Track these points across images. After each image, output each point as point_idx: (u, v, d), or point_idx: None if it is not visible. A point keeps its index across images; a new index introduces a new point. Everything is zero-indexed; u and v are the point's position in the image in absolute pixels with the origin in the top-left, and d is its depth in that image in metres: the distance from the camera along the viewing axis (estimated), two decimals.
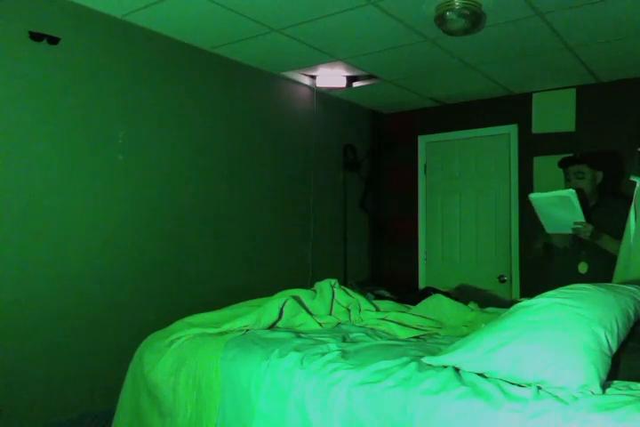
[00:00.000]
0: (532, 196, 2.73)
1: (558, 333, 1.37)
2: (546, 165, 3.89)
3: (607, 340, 1.35)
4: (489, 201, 4.35)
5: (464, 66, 3.57)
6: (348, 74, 3.84)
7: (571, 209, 2.62)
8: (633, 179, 2.57)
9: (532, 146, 4.08)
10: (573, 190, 2.57)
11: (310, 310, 2.19)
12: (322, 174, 4.20)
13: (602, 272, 2.67)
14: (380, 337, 1.96)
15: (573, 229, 2.68)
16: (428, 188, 4.67)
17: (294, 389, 1.54)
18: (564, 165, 2.98)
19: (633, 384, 1.33)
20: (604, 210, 2.86)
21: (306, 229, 4.05)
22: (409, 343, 1.86)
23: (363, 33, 3.03)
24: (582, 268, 2.81)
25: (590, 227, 2.65)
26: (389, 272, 4.74)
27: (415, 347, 1.78)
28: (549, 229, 2.80)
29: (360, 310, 2.26)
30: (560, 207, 2.65)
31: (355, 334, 1.98)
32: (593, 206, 2.90)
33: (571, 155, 3.12)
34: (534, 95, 4.09)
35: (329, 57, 3.46)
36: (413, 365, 1.49)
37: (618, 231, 2.71)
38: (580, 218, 2.64)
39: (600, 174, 2.94)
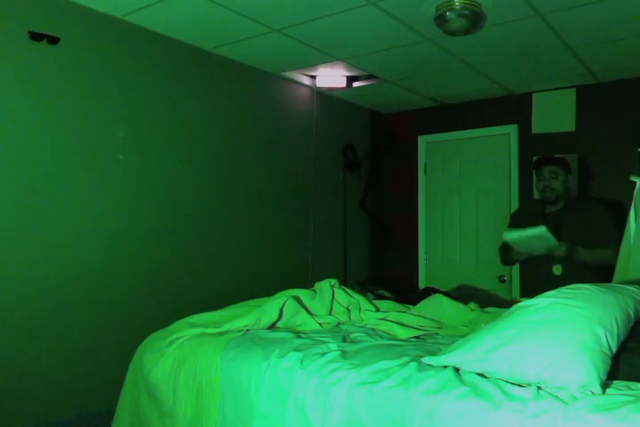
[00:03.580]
0: (507, 236, 2.88)
1: (558, 333, 1.37)
2: None
3: (607, 340, 1.35)
4: (489, 201, 4.34)
5: (464, 66, 3.57)
6: (348, 74, 3.84)
7: (546, 240, 2.75)
8: (633, 179, 2.59)
9: (531, 146, 4.08)
10: (544, 227, 2.71)
11: (310, 310, 2.19)
12: (322, 174, 4.20)
13: (575, 274, 2.75)
14: (381, 337, 1.96)
15: (548, 250, 2.82)
16: (428, 188, 4.67)
17: (294, 389, 1.54)
18: (539, 165, 3.09)
19: (633, 384, 1.33)
20: (572, 211, 3.00)
21: (306, 229, 4.05)
22: (409, 343, 1.86)
23: (363, 33, 3.03)
24: (557, 270, 2.89)
25: (565, 246, 2.79)
26: (389, 272, 4.74)
27: (415, 347, 1.78)
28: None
29: (360, 310, 2.26)
30: (534, 241, 2.78)
31: (355, 334, 1.98)
32: (562, 208, 3.03)
33: (539, 157, 3.27)
34: (534, 95, 4.08)
35: (329, 57, 3.46)
36: (413, 365, 1.49)
37: (586, 230, 2.88)
38: (555, 244, 2.76)
39: (570, 177, 3.10)
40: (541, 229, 2.70)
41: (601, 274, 2.81)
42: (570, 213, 2.98)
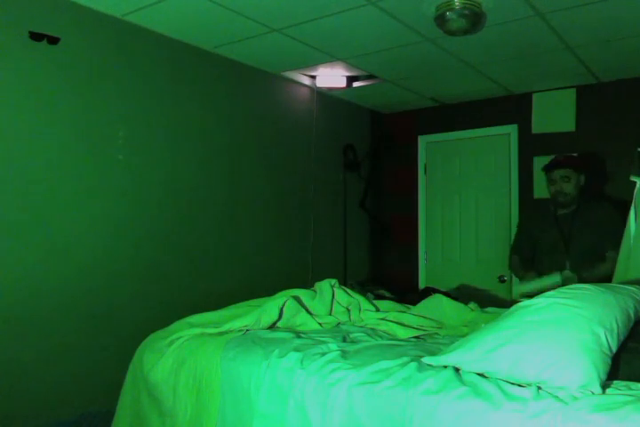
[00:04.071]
0: (522, 290, 2.82)
1: (558, 333, 1.37)
2: None
3: (607, 340, 1.35)
4: (489, 201, 4.34)
5: (464, 66, 3.57)
6: (348, 74, 3.84)
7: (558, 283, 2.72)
8: (633, 179, 2.59)
9: (531, 146, 4.08)
10: (559, 276, 2.69)
11: (310, 310, 2.19)
12: (322, 174, 4.20)
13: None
14: (380, 337, 1.96)
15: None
16: (428, 188, 4.67)
17: (294, 389, 1.54)
18: (549, 169, 3.02)
19: (633, 384, 1.33)
20: (584, 213, 2.95)
21: (306, 229, 4.05)
22: (409, 343, 1.86)
23: (363, 33, 3.03)
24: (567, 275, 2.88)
25: (574, 277, 2.75)
26: (389, 272, 4.74)
27: (415, 347, 1.78)
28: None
29: (360, 310, 2.26)
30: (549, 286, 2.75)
31: (355, 334, 1.98)
32: (574, 210, 2.98)
33: (553, 157, 3.16)
34: (534, 95, 4.09)
35: (329, 57, 3.46)
36: (413, 365, 1.49)
37: (596, 232, 2.85)
38: (565, 277, 2.74)
39: (582, 177, 3.01)
40: (556, 279, 2.69)
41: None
42: (581, 215, 2.94)
